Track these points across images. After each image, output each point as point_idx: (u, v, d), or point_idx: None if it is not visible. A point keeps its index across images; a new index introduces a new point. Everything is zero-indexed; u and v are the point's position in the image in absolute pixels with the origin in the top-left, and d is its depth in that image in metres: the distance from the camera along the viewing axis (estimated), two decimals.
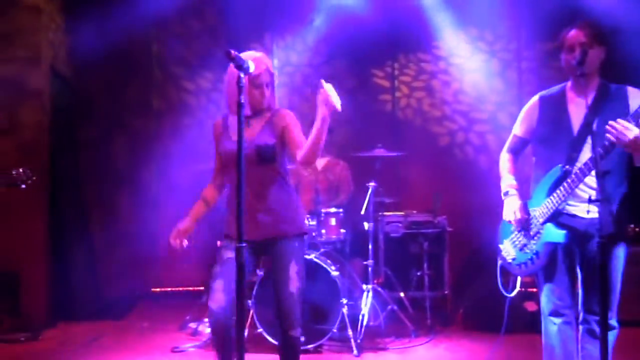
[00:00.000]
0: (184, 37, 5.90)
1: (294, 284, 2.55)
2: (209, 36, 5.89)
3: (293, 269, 2.55)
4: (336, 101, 2.25)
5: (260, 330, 3.85)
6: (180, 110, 5.91)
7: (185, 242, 2.65)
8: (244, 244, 2.05)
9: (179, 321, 4.65)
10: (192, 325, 4.50)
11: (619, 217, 2.47)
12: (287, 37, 6.06)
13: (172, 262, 5.52)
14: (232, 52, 2.04)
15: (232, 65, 2.36)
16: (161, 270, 5.61)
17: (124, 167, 5.73)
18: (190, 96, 5.96)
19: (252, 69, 2.16)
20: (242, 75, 2.10)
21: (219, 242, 4.70)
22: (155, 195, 5.60)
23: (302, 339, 3.80)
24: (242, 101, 2.07)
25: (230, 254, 2.47)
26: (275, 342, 3.73)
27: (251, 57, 2.37)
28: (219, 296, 2.46)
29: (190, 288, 5.54)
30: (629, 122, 2.27)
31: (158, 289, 5.77)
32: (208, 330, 4.34)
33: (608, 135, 2.28)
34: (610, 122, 2.27)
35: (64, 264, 4.97)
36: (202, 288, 4.71)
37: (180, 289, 5.57)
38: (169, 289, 5.70)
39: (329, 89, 2.27)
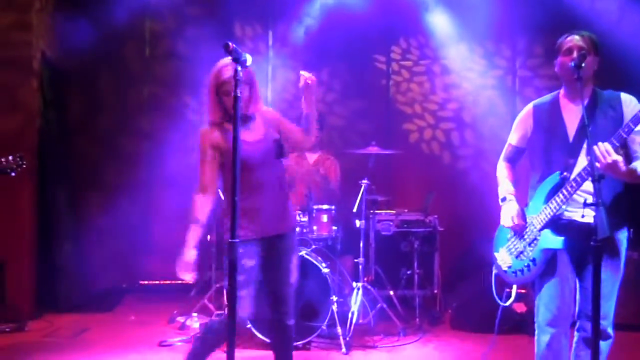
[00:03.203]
0: (178, 23, 5.78)
1: (294, 276, 2.75)
2: (203, 23, 5.75)
3: (294, 262, 2.76)
4: (309, 77, 2.67)
5: (249, 326, 3.82)
6: (177, 98, 5.77)
7: (194, 275, 2.62)
8: (237, 240, 2.04)
9: (166, 315, 4.62)
10: (180, 319, 4.46)
11: (615, 220, 2.44)
12: (283, 28, 5.98)
13: (160, 254, 5.45)
14: (231, 44, 1.99)
15: (216, 66, 2.54)
16: (150, 263, 5.55)
17: (116, 156, 5.64)
18: (186, 82, 5.62)
19: (249, 62, 2.12)
20: (239, 68, 2.06)
21: (208, 237, 4.68)
22: (148, 186, 5.51)
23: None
24: (239, 94, 2.04)
25: (250, 262, 2.61)
26: (264, 339, 3.72)
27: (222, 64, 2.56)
28: (245, 305, 2.57)
29: (179, 282, 5.46)
30: (614, 143, 2.27)
31: (146, 282, 5.72)
32: (196, 324, 4.32)
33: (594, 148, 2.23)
34: (596, 145, 2.23)
35: (51, 254, 4.90)
36: (190, 282, 4.66)
37: (169, 282, 5.51)
38: (157, 282, 5.64)
39: (306, 75, 2.68)
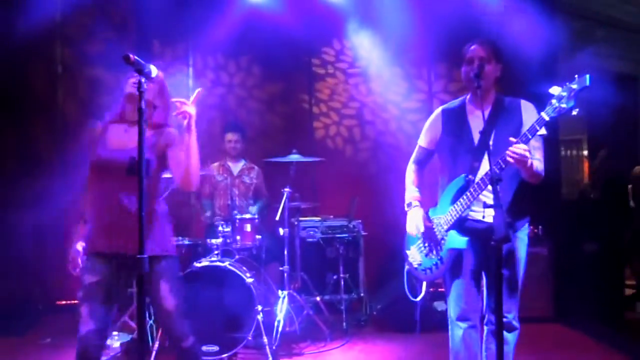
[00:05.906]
0: (91, 37, 5.59)
1: (170, 303, 2.52)
2: (119, 38, 5.60)
3: (166, 289, 2.51)
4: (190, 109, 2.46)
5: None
6: (84, 110, 5.56)
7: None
8: (144, 256, 1.98)
9: None
10: None
11: (515, 220, 2.59)
12: (202, 41, 5.89)
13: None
14: (131, 55, 1.95)
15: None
16: (66, 281, 5.27)
17: (27, 169, 5.34)
18: (96, 96, 5.49)
19: (154, 73, 2.08)
20: (143, 80, 2.02)
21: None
22: (61, 200, 5.23)
23: (216, 348, 3.79)
24: (143, 107, 2.00)
25: (92, 279, 2.44)
26: None
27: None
28: (87, 321, 2.43)
29: None
30: (521, 142, 2.36)
31: (63, 302, 5.44)
32: (117, 343, 4.16)
33: (507, 152, 2.34)
34: (511, 148, 2.33)
35: None
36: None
37: None
38: (76, 301, 5.36)
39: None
